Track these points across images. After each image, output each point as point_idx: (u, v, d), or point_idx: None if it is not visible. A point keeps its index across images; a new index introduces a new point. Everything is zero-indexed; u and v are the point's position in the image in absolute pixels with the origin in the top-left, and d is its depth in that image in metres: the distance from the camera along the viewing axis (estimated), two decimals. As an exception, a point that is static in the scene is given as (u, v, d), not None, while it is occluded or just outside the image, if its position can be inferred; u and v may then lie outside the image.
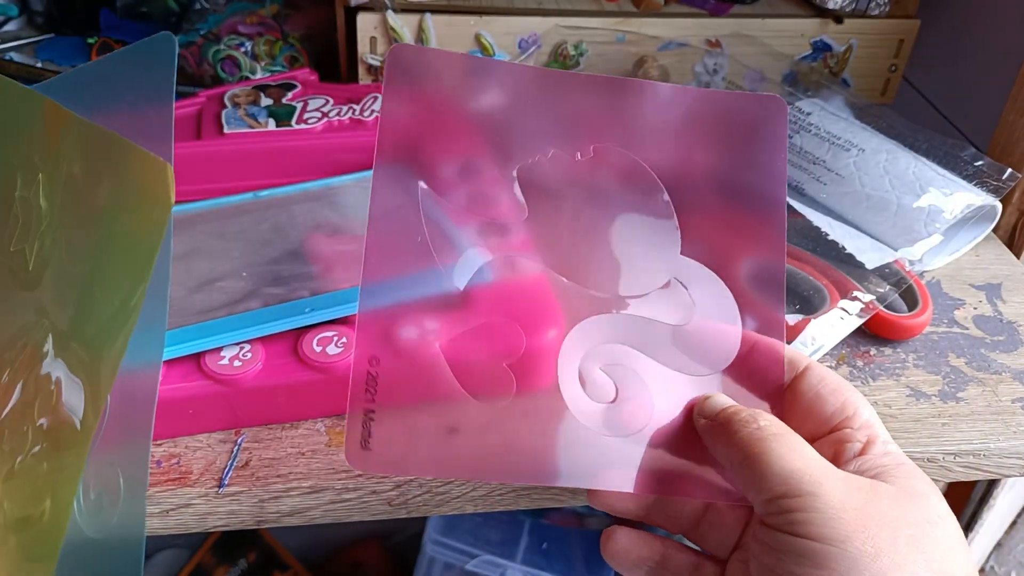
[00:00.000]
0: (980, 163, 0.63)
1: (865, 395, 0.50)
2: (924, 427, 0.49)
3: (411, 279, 0.48)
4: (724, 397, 0.38)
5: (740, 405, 0.37)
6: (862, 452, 0.36)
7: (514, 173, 0.42)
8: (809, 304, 0.54)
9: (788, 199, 0.60)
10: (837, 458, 0.36)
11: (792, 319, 0.52)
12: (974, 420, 0.50)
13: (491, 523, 1.05)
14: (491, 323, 0.47)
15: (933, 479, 0.50)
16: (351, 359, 0.40)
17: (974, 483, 0.74)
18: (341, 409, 0.46)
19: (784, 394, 0.39)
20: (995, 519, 0.76)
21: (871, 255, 0.56)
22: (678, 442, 0.39)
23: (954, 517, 0.34)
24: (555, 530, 1.07)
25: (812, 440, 0.36)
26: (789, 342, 0.51)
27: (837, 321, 0.52)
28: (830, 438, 0.37)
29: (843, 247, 0.56)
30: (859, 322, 0.53)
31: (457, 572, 1.04)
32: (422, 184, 0.42)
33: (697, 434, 0.39)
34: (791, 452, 0.33)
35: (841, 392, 0.38)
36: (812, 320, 0.52)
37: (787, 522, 0.32)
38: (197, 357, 0.44)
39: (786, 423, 0.36)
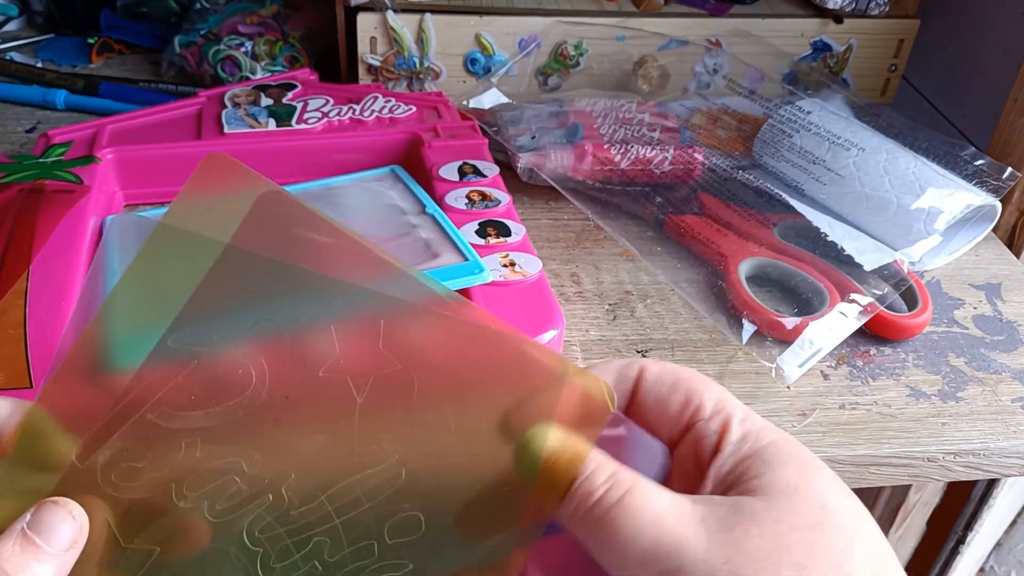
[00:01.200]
0: (980, 162, 0.63)
1: (865, 395, 0.50)
2: (924, 427, 0.49)
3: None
4: (553, 431, 0.30)
5: (567, 448, 0.29)
6: (718, 446, 0.30)
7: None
8: (809, 305, 0.54)
9: (788, 199, 0.60)
10: (700, 463, 0.31)
11: (791, 322, 0.52)
12: (974, 420, 0.50)
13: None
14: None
15: (933, 479, 0.50)
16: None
17: (974, 483, 0.74)
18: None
19: (628, 413, 0.33)
20: (995, 519, 0.76)
21: (870, 256, 0.56)
22: None
23: (839, 492, 0.29)
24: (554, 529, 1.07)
25: (674, 445, 0.32)
26: (789, 343, 0.51)
27: (836, 323, 0.52)
28: (687, 440, 0.31)
29: (842, 248, 0.56)
30: (859, 324, 0.53)
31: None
32: None
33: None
34: (642, 523, 0.27)
35: (680, 386, 0.32)
36: (811, 322, 0.52)
37: None
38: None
39: (644, 439, 0.32)
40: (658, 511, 0.27)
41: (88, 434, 0.28)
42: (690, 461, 0.31)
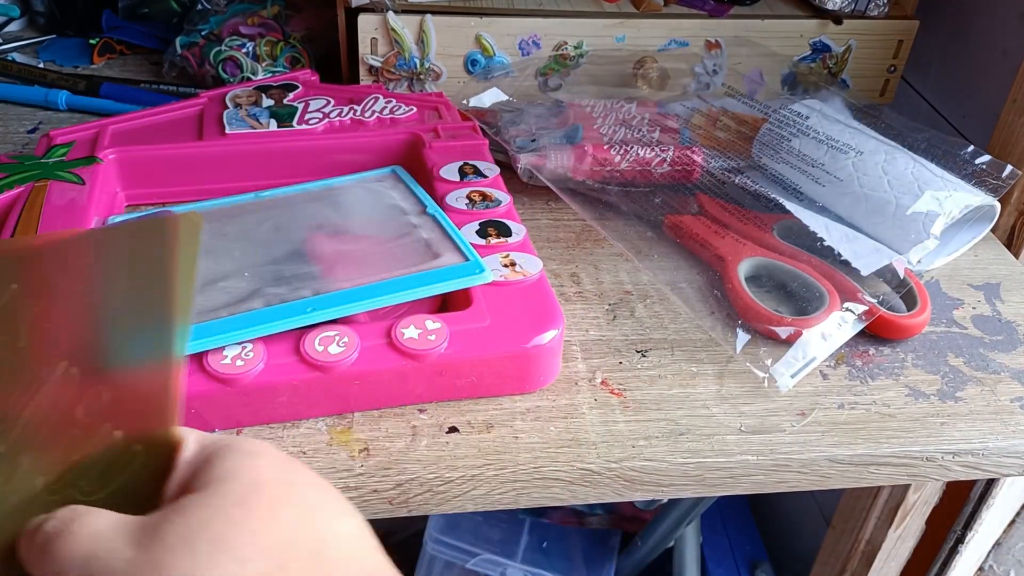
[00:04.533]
0: (980, 161, 0.63)
1: (864, 394, 0.51)
2: (923, 426, 0.49)
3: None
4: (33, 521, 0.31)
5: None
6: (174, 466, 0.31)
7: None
8: (809, 306, 0.54)
9: (787, 201, 0.60)
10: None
11: (784, 331, 0.52)
12: (973, 419, 0.50)
13: (491, 522, 1.05)
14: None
15: (932, 478, 0.50)
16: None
17: (973, 482, 0.74)
18: (343, 409, 0.47)
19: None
20: (994, 518, 0.76)
21: (868, 259, 0.56)
22: None
23: (280, 468, 0.30)
24: (555, 528, 1.07)
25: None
26: (790, 343, 0.52)
27: (832, 330, 0.52)
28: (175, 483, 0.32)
29: (839, 253, 0.56)
30: (854, 331, 0.53)
31: (458, 571, 1.04)
32: None
33: None
34: (79, 540, 0.29)
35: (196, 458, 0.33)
36: (805, 330, 0.52)
37: None
38: (199, 356, 0.44)
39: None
40: (95, 528, 0.29)
41: None
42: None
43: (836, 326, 0.52)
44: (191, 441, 0.32)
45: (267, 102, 0.65)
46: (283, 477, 0.30)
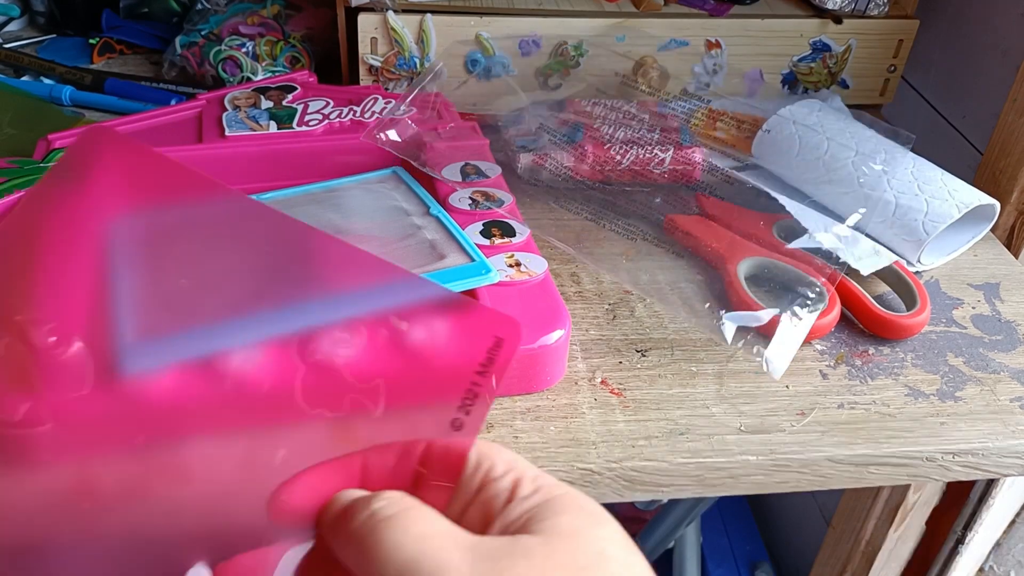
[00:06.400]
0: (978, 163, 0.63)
1: (864, 394, 0.51)
2: (922, 426, 0.49)
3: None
4: (351, 491, 0.31)
5: (366, 492, 0.30)
6: (510, 497, 0.30)
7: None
8: (809, 304, 0.54)
9: (787, 200, 0.60)
10: (487, 518, 0.30)
11: (767, 314, 0.52)
12: (973, 419, 0.50)
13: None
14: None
15: (932, 479, 0.50)
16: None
17: (973, 483, 0.74)
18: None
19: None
20: (994, 518, 0.76)
21: (867, 260, 0.56)
22: None
23: (622, 546, 0.29)
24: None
25: (464, 508, 0.31)
26: (768, 340, 0.52)
27: (800, 311, 0.52)
28: (477, 500, 0.31)
29: (837, 256, 0.56)
30: (821, 303, 0.53)
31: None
32: None
33: None
34: (406, 537, 0.27)
35: (472, 452, 0.32)
36: (782, 315, 0.52)
37: None
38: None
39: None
40: (427, 530, 0.28)
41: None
42: (477, 518, 0.30)
43: (800, 308, 0.52)
44: (526, 477, 0.31)
45: (266, 104, 0.65)
46: (627, 558, 0.28)
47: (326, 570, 0.30)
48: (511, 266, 0.51)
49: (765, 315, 0.52)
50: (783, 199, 0.60)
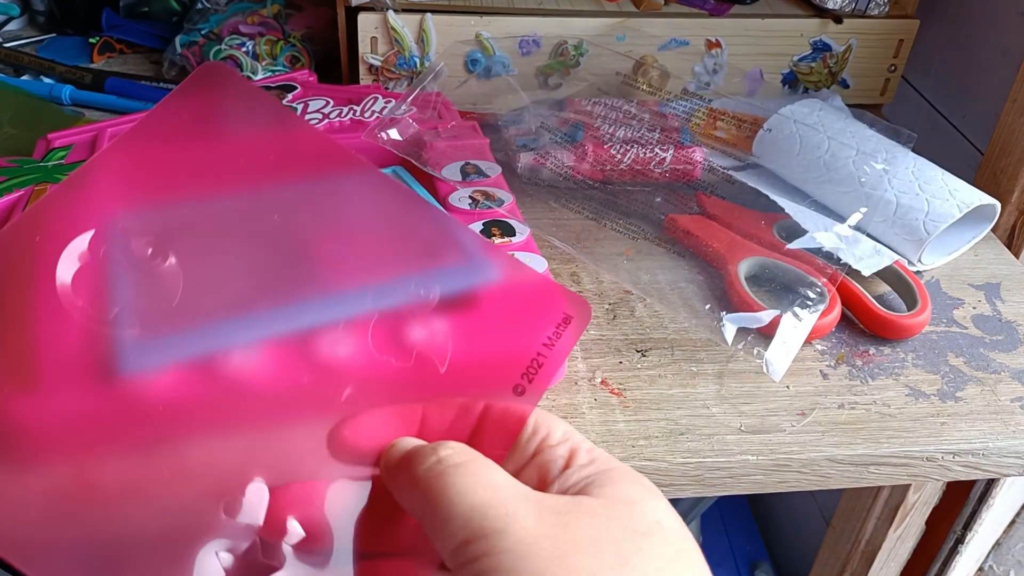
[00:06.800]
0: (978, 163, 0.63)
1: (864, 394, 0.51)
2: (923, 426, 0.49)
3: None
4: (411, 439, 0.32)
5: (427, 442, 0.31)
6: (566, 466, 0.31)
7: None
8: (810, 304, 0.54)
9: (786, 201, 0.60)
10: (543, 481, 0.31)
11: (769, 314, 0.52)
12: (973, 419, 0.50)
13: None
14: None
15: (933, 478, 0.50)
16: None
17: (973, 482, 0.74)
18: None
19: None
20: (994, 518, 0.76)
21: (868, 260, 0.56)
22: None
23: (677, 519, 0.30)
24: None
25: (518, 471, 0.32)
26: (769, 340, 0.51)
27: (801, 311, 0.52)
28: (532, 464, 0.32)
29: (838, 258, 0.56)
30: (822, 304, 0.53)
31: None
32: None
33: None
34: (475, 484, 0.28)
35: (531, 418, 0.33)
36: (783, 315, 0.52)
37: (477, 572, 0.26)
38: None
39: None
40: (495, 480, 0.28)
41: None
42: (531, 482, 0.31)
43: (802, 308, 0.52)
44: (582, 448, 0.31)
45: (267, 101, 0.65)
46: (682, 531, 0.29)
47: (381, 517, 0.31)
48: (511, 266, 0.51)
49: (766, 316, 0.52)
50: (782, 200, 0.60)
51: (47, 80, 0.76)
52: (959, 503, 0.76)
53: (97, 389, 0.30)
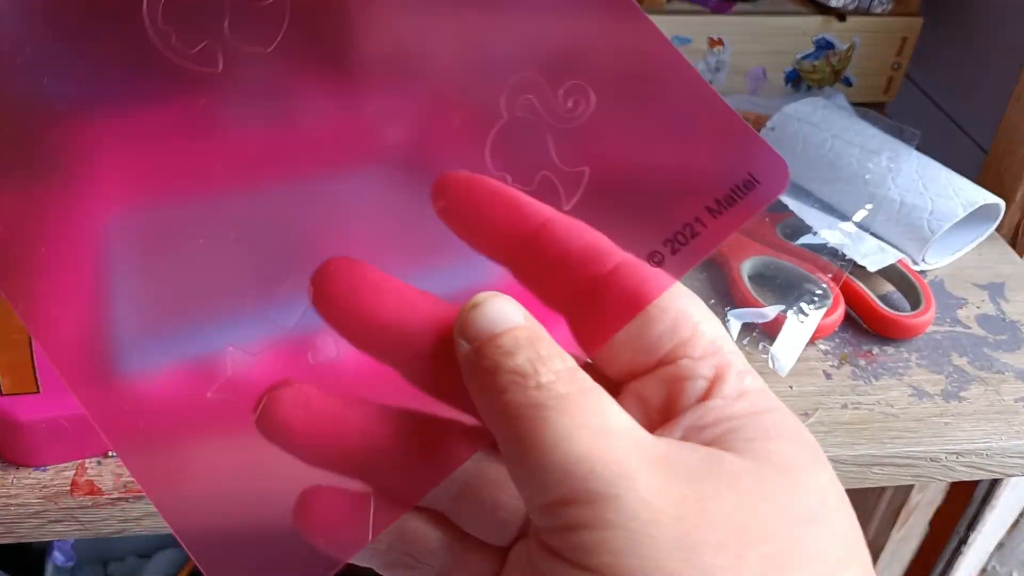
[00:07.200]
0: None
1: (867, 394, 0.50)
2: (927, 426, 0.49)
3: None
4: (508, 305, 0.22)
5: (529, 328, 0.22)
6: (707, 394, 0.23)
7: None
8: (813, 304, 0.54)
9: (789, 199, 0.60)
10: (671, 406, 0.23)
11: (773, 310, 0.52)
12: (977, 419, 0.50)
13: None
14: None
15: (936, 479, 0.50)
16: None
17: (976, 483, 0.74)
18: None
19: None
20: (997, 519, 0.76)
21: (872, 258, 0.56)
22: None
23: (844, 498, 0.23)
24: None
25: (632, 377, 0.24)
26: (773, 338, 0.51)
27: (806, 308, 0.52)
28: (659, 374, 0.23)
29: (843, 254, 0.56)
30: (827, 301, 0.52)
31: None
32: None
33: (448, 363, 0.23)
34: (583, 427, 0.20)
35: (672, 303, 0.24)
36: (789, 313, 0.51)
37: (573, 545, 0.20)
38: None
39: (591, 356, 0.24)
40: (611, 424, 0.21)
41: None
42: (655, 401, 0.23)
43: (807, 306, 0.52)
44: (733, 369, 0.23)
45: (267, 99, 0.64)
46: (849, 516, 0.23)
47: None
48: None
49: (771, 311, 0.51)
50: (785, 197, 0.60)
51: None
52: (962, 504, 0.75)
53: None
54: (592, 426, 0.20)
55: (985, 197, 0.59)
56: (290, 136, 0.27)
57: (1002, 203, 0.61)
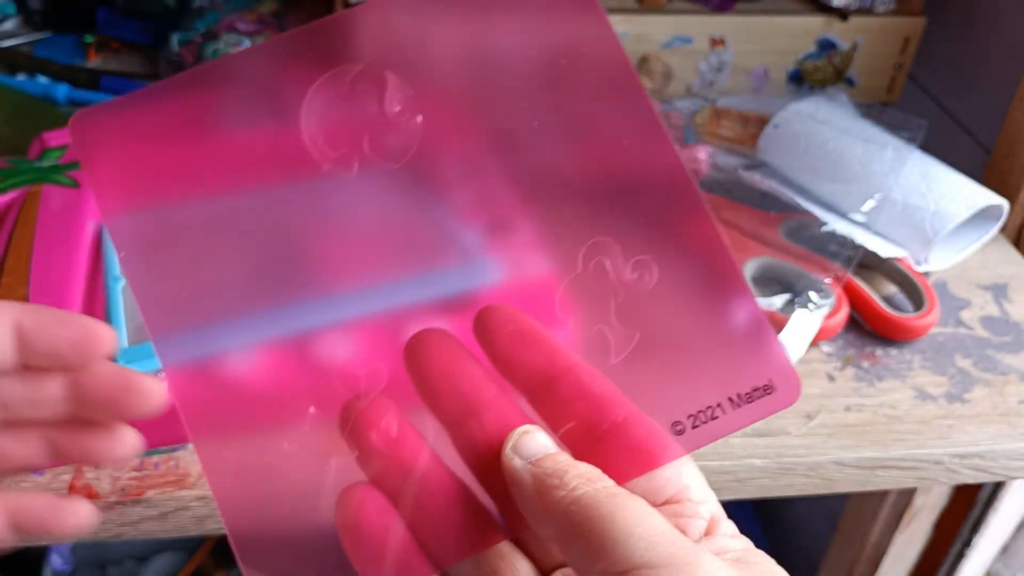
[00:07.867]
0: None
1: (871, 396, 0.50)
2: (930, 429, 0.48)
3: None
4: (546, 436, 0.27)
5: (569, 456, 0.27)
6: (709, 532, 0.27)
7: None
8: (815, 306, 0.53)
9: (793, 198, 0.60)
10: None
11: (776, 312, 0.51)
12: (980, 422, 0.49)
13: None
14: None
15: (940, 481, 0.49)
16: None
17: (980, 486, 0.73)
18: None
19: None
20: (1001, 522, 0.75)
21: (884, 247, 0.56)
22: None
23: None
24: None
25: None
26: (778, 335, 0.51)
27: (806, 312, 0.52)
28: (664, 511, 0.27)
29: (851, 240, 0.56)
30: (827, 303, 0.52)
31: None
32: None
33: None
34: (651, 516, 0.24)
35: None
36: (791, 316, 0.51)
37: None
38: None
39: None
40: (659, 521, 0.24)
41: None
42: None
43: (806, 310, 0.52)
44: (724, 517, 0.27)
45: (265, 100, 0.64)
46: None
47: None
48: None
49: (777, 300, 0.51)
50: (788, 198, 0.60)
51: (42, 79, 0.76)
52: (966, 507, 0.75)
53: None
54: (654, 515, 0.24)
55: (988, 198, 0.59)
56: (398, 239, 0.32)
57: (1006, 204, 0.61)
